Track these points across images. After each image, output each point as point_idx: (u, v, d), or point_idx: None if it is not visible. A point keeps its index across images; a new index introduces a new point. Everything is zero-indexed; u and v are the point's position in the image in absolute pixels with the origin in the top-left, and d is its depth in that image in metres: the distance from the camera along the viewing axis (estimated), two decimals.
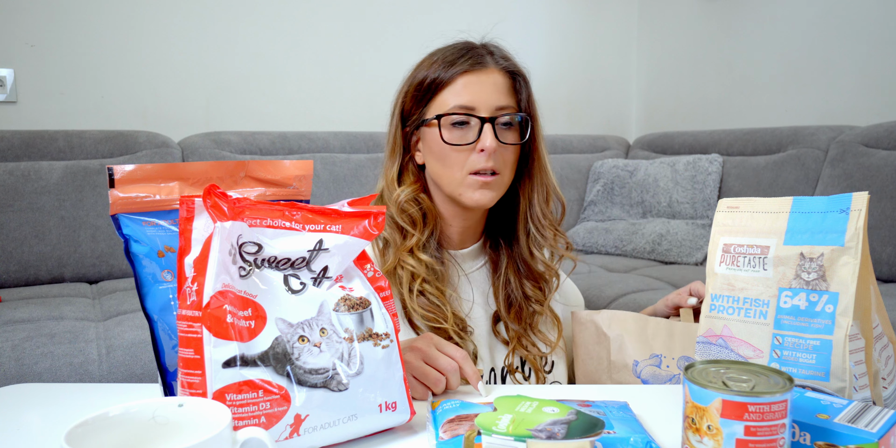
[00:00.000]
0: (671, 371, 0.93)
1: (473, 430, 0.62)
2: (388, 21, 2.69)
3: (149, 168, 0.70)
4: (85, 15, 2.26)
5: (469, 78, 0.97)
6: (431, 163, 1.00)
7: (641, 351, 0.96)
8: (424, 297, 0.97)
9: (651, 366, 0.95)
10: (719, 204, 0.75)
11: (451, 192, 0.99)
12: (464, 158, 0.96)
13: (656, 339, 0.96)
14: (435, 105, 0.98)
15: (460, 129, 0.96)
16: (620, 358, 0.97)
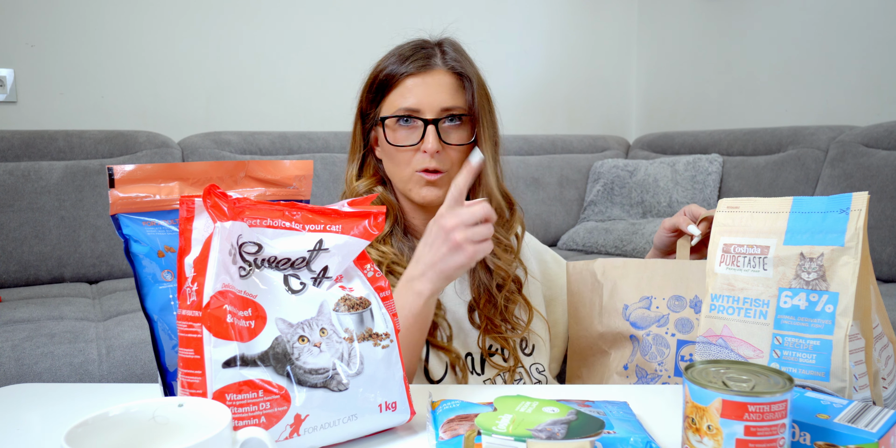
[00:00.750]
0: (660, 312, 0.93)
1: (473, 430, 0.62)
2: (388, 21, 2.69)
3: (149, 168, 0.70)
4: (85, 15, 2.26)
5: (416, 80, 0.99)
6: (384, 160, 1.05)
7: (633, 295, 0.96)
8: (393, 276, 1.00)
9: (641, 308, 0.95)
10: (719, 204, 0.75)
11: (401, 189, 1.03)
12: (410, 157, 1.00)
13: (651, 281, 0.96)
14: (385, 105, 1.02)
15: (406, 129, 1.00)
16: (612, 303, 0.97)
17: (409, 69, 0.99)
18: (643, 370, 0.93)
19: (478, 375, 1.01)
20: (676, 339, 0.91)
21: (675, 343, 0.91)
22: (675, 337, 0.91)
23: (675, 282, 0.94)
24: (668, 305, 0.93)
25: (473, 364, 1.02)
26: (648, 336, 0.93)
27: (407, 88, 0.99)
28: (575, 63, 3.18)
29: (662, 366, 0.91)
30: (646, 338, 0.93)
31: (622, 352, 0.96)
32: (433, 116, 0.98)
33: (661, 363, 0.91)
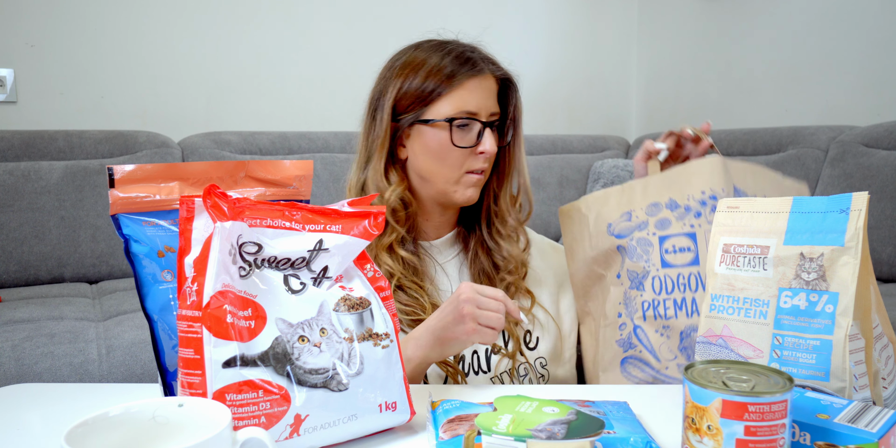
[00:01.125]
0: (640, 219, 0.98)
1: (473, 430, 0.62)
2: (388, 20, 2.69)
3: (149, 168, 0.70)
4: (85, 15, 2.26)
5: (474, 83, 1.01)
6: (425, 160, 1.02)
7: (615, 213, 1.01)
8: (403, 292, 1.01)
9: (623, 222, 0.99)
10: (719, 204, 0.75)
11: (442, 189, 1.03)
12: (463, 158, 1.01)
13: (631, 199, 1.00)
14: (438, 106, 1.00)
15: (461, 131, 1.01)
16: (597, 227, 1.01)
17: (472, 72, 1.01)
18: (633, 273, 0.97)
19: (484, 373, 1.01)
20: (657, 236, 0.96)
21: (657, 240, 0.96)
22: (655, 235, 0.96)
23: (648, 193, 0.99)
24: (646, 212, 0.98)
25: (479, 361, 1.02)
26: (632, 241, 0.98)
27: (468, 90, 1.00)
28: (575, 63, 3.18)
29: (649, 262, 0.96)
30: (630, 243, 0.98)
31: (613, 267, 1.00)
32: (486, 120, 1.02)
33: (648, 260, 0.96)
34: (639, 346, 0.95)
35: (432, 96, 1.00)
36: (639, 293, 0.96)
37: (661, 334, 0.94)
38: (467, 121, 1.00)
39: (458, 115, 1.00)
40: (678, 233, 0.95)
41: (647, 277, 0.95)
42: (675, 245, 0.95)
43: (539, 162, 2.68)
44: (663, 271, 0.95)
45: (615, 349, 0.97)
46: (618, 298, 0.99)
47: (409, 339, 0.90)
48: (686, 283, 0.93)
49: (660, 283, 0.95)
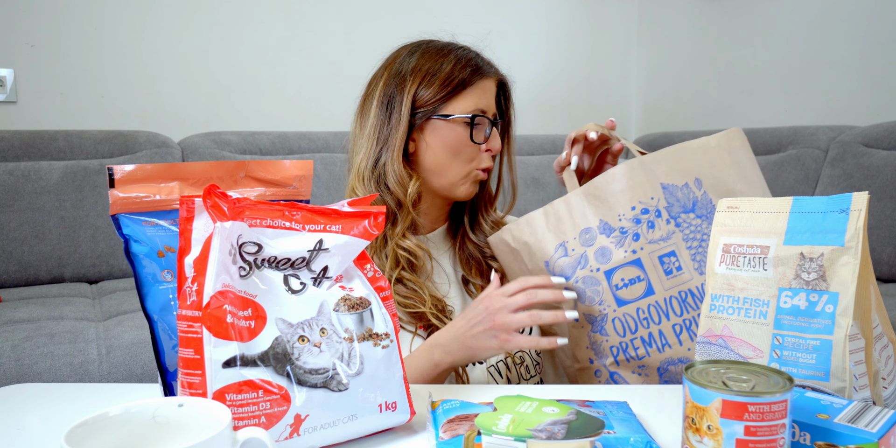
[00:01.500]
0: (577, 252, 0.91)
1: (473, 430, 0.62)
2: (388, 21, 2.69)
3: (149, 168, 0.71)
4: (85, 15, 2.26)
5: (486, 83, 1.06)
6: (439, 154, 1.05)
7: (548, 247, 0.94)
8: (402, 284, 1.02)
9: (560, 258, 0.93)
10: (719, 204, 0.75)
11: (449, 183, 1.06)
12: (474, 155, 1.06)
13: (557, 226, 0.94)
14: (456, 103, 1.04)
15: (475, 129, 1.05)
16: (535, 265, 0.96)
17: (487, 73, 1.06)
18: (590, 316, 0.92)
19: (480, 363, 1.01)
20: (602, 271, 0.90)
21: (604, 276, 0.90)
22: (600, 271, 0.90)
23: (575, 217, 0.92)
24: (581, 242, 0.92)
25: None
26: (578, 282, 0.92)
27: (482, 90, 1.05)
28: (575, 63, 3.18)
29: (604, 304, 0.90)
30: (576, 285, 0.92)
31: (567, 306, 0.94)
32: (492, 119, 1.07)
33: (602, 301, 0.90)
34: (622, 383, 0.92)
35: (453, 93, 1.04)
36: (604, 338, 0.91)
37: (640, 374, 0.91)
38: (482, 119, 1.05)
39: (476, 113, 1.04)
40: (622, 263, 0.89)
41: (607, 321, 0.90)
42: (624, 277, 0.89)
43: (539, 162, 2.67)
44: (621, 310, 0.89)
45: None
46: (583, 343, 0.94)
47: (435, 346, 0.91)
48: (648, 318, 0.89)
49: (622, 324, 0.90)
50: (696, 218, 0.89)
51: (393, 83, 1.05)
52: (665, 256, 0.89)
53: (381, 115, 1.06)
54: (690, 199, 0.90)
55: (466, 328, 0.89)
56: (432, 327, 1.00)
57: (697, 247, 0.89)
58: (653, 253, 0.89)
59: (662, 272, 0.89)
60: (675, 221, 0.89)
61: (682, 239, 0.89)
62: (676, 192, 0.90)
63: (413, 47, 1.09)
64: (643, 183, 0.90)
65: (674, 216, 0.90)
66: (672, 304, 0.88)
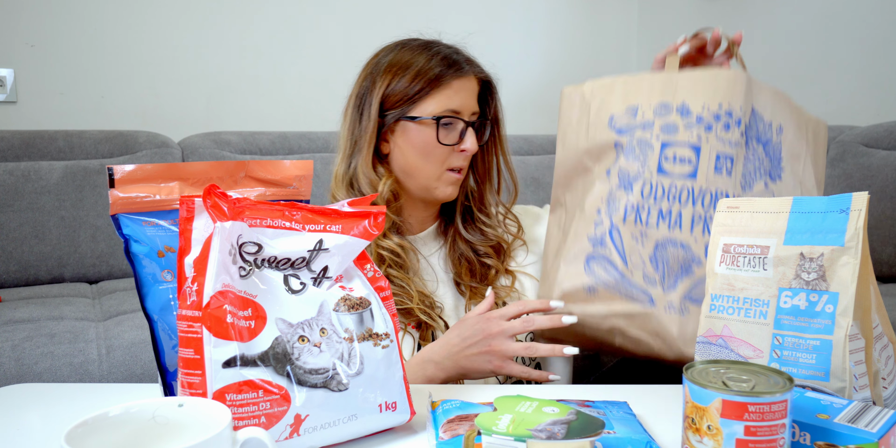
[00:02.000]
0: (646, 118, 0.92)
1: (473, 430, 0.62)
2: (388, 21, 2.68)
3: (149, 168, 0.71)
4: (85, 15, 2.26)
5: (460, 83, 1.04)
6: (409, 156, 1.05)
7: (620, 105, 0.95)
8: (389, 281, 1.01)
9: (626, 116, 0.93)
10: (719, 204, 0.75)
11: (424, 185, 1.06)
12: (445, 156, 1.04)
13: (638, 92, 0.94)
14: (425, 104, 1.03)
15: (445, 129, 1.04)
16: (598, 117, 0.96)
17: (459, 72, 1.04)
18: (625, 173, 0.92)
19: None
20: (661, 140, 0.91)
21: (659, 145, 0.91)
22: (659, 139, 0.91)
23: (661, 90, 0.93)
24: (654, 112, 0.92)
25: None
26: (633, 140, 0.92)
27: (454, 90, 1.04)
28: (575, 63, 3.17)
29: (645, 166, 0.91)
30: (629, 142, 0.92)
31: (605, 162, 0.95)
32: (468, 119, 1.05)
33: (644, 163, 0.91)
34: (609, 246, 0.91)
35: (420, 94, 1.03)
36: (625, 194, 0.91)
37: (637, 240, 0.90)
38: (452, 119, 1.03)
39: (444, 114, 1.03)
40: (683, 142, 0.90)
41: (638, 180, 0.91)
42: (677, 154, 0.90)
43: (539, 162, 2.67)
44: (657, 178, 0.90)
45: (584, 244, 0.93)
46: (601, 195, 0.94)
47: (428, 361, 0.92)
48: (677, 195, 0.89)
49: (650, 188, 0.90)
50: (762, 152, 0.93)
51: (366, 83, 1.06)
52: (723, 157, 0.90)
53: (354, 116, 1.07)
54: (766, 137, 0.93)
55: (462, 347, 0.90)
56: (423, 325, 1.01)
57: (752, 172, 0.91)
58: (714, 148, 0.89)
59: (713, 168, 0.89)
60: (746, 138, 0.91)
61: (743, 155, 0.91)
62: (760, 122, 0.93)
63: (392, 46, 1.08)
64: (741, 91, 0.91)
65: (747, 136, 0.92)
66: (705, 196, 0.89)
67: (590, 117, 0.97)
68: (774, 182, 0.93)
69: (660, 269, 0.89)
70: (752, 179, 0.91)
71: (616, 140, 0.93)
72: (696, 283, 0.88)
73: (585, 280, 0.92)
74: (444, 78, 1.03)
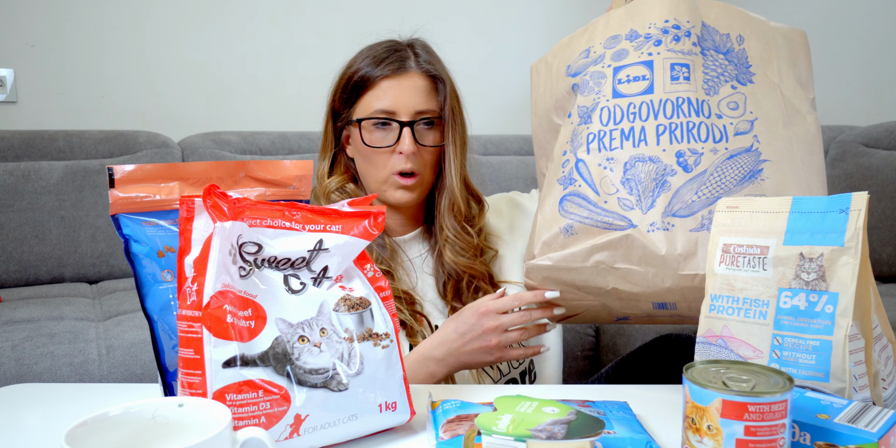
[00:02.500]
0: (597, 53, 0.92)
1: (473, 430, 0.62)
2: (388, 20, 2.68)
3: (149, 168, 0.71)
4: (85, 15, 2.26)
5: (390, 82, 1.01)
6: (358, 160, 1.07)
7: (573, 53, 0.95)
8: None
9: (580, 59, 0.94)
10: (718, 204, 0.75)
11: (374, 190, 1.06)
12: (386, 159, 1.02)
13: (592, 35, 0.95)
14: (359, 107, 1.04)
15: (382, 131, 1.02)
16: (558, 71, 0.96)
17: (385, 72, 1.01)
18: (583, 108, 0.91)
19: None
20: (612, 67, 0.90)
21: (611, 72, 0.90)
22: (610, 67, 0.91)
23: (608, 25, 0.93)
24: (604, 46, 0.92)
25: None
26: (586, 76, 0.92)
27: (382, 90, 1.01)
28: None
29: (600, 94, 0.90)
30: (584, 79, 0.92)
31: (566, 108, 0.94)
32: (408, 119, 1.01)
33: (599, 92, 0.90)
34: (578, 180, 0.88)
35: (353, 97, 1.04)
36: (585, 127, 0.90)
37: (604, 167, 0.87)
38: (380, 120, 1.01)
39: (370, 115, 1.01)
40: (634, 62, 0.89)
41: (596, 109, 0.90)
42: (630, 74, 0.89)
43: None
44: (613, 102, 0.89)
45: (555, 188, 0.91)
46: (565, 138, 0.93)
47: (429, 359, 0.92)
48: (636, 113, 0.87)
49: (608, 113, 0.89)
50: (724, 59, 0.90)
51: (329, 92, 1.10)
52: (678, 65, 0.88)
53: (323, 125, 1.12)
54: (726, 47, 0.91)
55: (461, 343, 0.90)
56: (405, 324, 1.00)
57: (714, 78, 0.88)
58: (667, 59, 0.88)
59: (669, 78, 0.88)
60: (702, 49, 0.90)
61: (701, 63, 0.89)
62: (714, 35, 0.91)
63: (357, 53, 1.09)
64: (684, 8, 0.90)
65: (702, 47, 0.90)
66: (665, 105, 0.87)
67: (551, 75, 0.97)
68: (744, 85, 0.89)
69: (634, 191, 0.85)
70: (716, 84, 0.88)
71: (573, 83, 0.93)
72: (674, 196, 0.84)
73: (561, 222, 0.88)
74: (370, 79, 1.02)
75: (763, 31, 0.92)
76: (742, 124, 0.86)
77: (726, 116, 0.86)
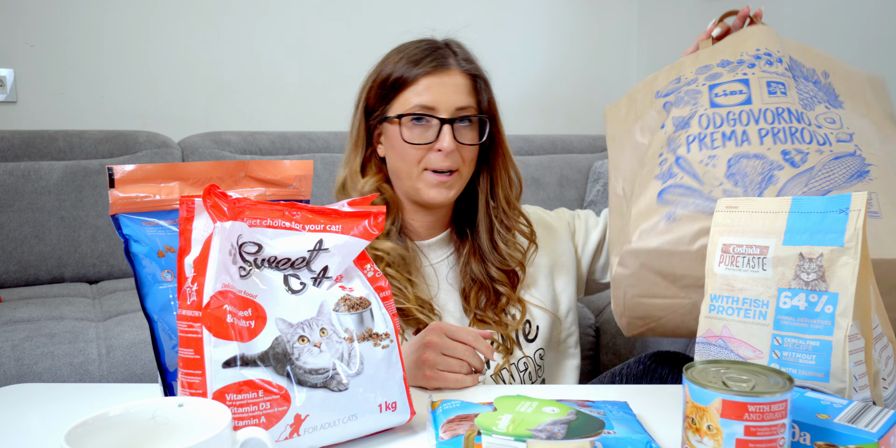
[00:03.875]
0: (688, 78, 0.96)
1: (473, 430, 0.62)
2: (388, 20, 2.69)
3: (149, 168, 0.71)
4: (85, 15, 2.26)
5: (432, 79, 1.01)
6: (392, 157, 1.05)
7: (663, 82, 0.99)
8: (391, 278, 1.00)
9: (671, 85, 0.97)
10: (718, 204, 0.75)
11: (408, 188, 1.04)
12: (422, 156, 1.01)
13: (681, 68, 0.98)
14: (397, 103, 1.02)
15: (420, 127, 1.01)
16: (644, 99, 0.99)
17: (426, 68, 1.01)
18: (679, 118, 0.92)
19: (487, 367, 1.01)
20: (707, 85, 0.93)
21: (707, 88, 0.93)
22: (705, 85, 0.93)
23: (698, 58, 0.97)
24: (696, 72, 0.96)
25: None
26: (680, 93, 0.95)
27: (423, 87, 1.01)
28: (575, 63, 3.18)
29: (697, 104, 0.92)
30: (677, 96, 0.95)
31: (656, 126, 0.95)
32: (448, 116, 1.00)
33: (696, 103, 0.92)
34: (679, 173, 0.88)
35: (391, 94, 1.02)
36: (684, 131, 0.91)
37: (706, 164, 0.87)
38: (420, 116, 1.00)
39: (410, 112, 1.00)
40: (729, 80, 0.92)
41: (694, 117, 0.91)
42: (726, 89, 0.91)
43: (539, 162, 2.67)
44: (712, 110, 0.91)
45: (653, 184, 0.89)
46: (659, 145, 0.93)
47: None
48: (737, 119, 0.88)
49: (707, 119, 0.90)
50: (813, 86, 0.93)
51: (360, 89, 1.07)
52: (773, 82, 0.90)
53: (352, 121, 1.08)
54: (813, 77, 0.94)
55: (408, 353, 0.86)
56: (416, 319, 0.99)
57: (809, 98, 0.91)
58: (762, 78, 0.90)
59: (766, 92, 0.90)
60: (793, 74, 0.92)
61: (794, 85, 0.91)
62: (801, 67, 0.94)
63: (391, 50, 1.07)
64: (775, 40, 0.93)
65: (793, 73, 0.92)
66: (765, 113, 0.88)
67: (636, 105, 1.00)
68: (836, 108, 0.91)
69: (739, 183, 0.85)
70: (811, 102, 0.91)
71: (664, 102, 0.95)
72: (782, 188, 0.83)
73: (662, 211, 0.87)
74: (410, 76, 1.01)
75: (846, 70, 0.97)
76: (842, 135, 0.88)
77: (825, 127, 0.88)
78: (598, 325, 1.85)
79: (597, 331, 1.85)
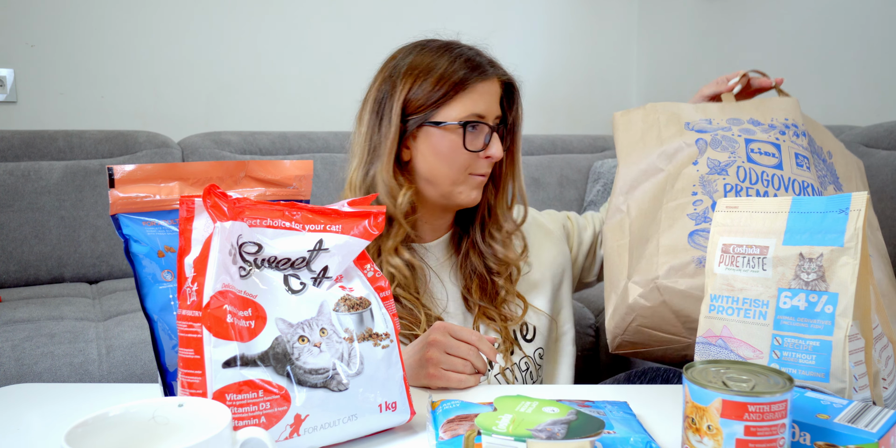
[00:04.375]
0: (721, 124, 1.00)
1: (473, 430, 0.62)
2: (389, 21, 2.69)
3: (149, 168, 0.71)
4: (85, 15, 2.26)
5: (484, 86, 1.00)
6: (432, 162, 1.01)
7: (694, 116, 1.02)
8: (398, 302, 0.99)
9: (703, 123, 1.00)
10: (718, 204, 0.75)
11: (447, 191, 1.02)
12: (469, 162, 1.01)
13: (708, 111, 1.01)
14: (451, 108, 0.99)
15: (473, 134, 1.00)
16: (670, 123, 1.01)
17: (481, 75, 1.00)
18: (716, 161, 0.96)
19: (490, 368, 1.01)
20: (744, 138, 0.96)
21: (743, 141, 0.96)
22: (741, 137, 0.97)
23: (726, 110, 1.01)
24: (728, 121, 0.99)
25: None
26: (716, 136, 0.98)
27: (478, 94, 1.00)
28: (575, 63, 3.18)
29: (735, 154, 0.95)
30: (714, 138, 0.97)
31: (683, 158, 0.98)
32: (492, 124, 1.02)
33: (734, 152, 0.95)
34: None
35: (444, 99, 0.99)
36: (720, 177, 0.95)
37: None
38: (478, 124, 1.00)
39: (470, 119, 0.99)
40: (763, 140, 0.97)
41: (732, 166, 0.95)
42: (761, 149, 0.96)
43: (539, 162, 2.68)
44: (748, 165, 0.94)
45: (685, 222, 0.94)
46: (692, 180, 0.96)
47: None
48: (769, 181, 0.93)
49: (745, 172, 0.94)
50: (823, 165, 0.99)
51: (385, 87, 1.01)
52: (800, 155, 0.96)
53: (372, 121, 1.02)
54: (821, 155, 1.01)
55: (412, 352, 0.86)
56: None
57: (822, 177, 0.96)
58: (791, 148, 0.95)
59: (795, 164, 0.95)
60: (812, 150, 0.98)
61: (813, 162, 0.97)
62: (814, 144, 1.00)
63: (410, 48, 1.03)
64: (799, 113, 0.99)
65: (812, 149, 0.99)
66: (793, 184, 0.93)
67: (660, 127, 1.02)
68: (839, 191, 0.98)
69: None
70: (824, 181, 0.97)
71: (698, 137, 0.98)
72: None
73: (694, 253, 0.91)
74: (468, 81, 0.98)
75: (844, 152, 1.04)
76: None
77: None
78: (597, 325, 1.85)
79: (596, 331, 1.85)
